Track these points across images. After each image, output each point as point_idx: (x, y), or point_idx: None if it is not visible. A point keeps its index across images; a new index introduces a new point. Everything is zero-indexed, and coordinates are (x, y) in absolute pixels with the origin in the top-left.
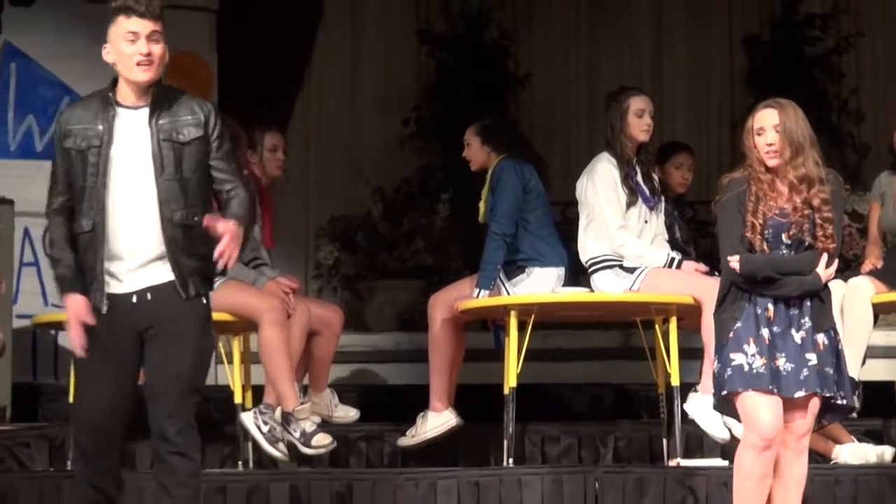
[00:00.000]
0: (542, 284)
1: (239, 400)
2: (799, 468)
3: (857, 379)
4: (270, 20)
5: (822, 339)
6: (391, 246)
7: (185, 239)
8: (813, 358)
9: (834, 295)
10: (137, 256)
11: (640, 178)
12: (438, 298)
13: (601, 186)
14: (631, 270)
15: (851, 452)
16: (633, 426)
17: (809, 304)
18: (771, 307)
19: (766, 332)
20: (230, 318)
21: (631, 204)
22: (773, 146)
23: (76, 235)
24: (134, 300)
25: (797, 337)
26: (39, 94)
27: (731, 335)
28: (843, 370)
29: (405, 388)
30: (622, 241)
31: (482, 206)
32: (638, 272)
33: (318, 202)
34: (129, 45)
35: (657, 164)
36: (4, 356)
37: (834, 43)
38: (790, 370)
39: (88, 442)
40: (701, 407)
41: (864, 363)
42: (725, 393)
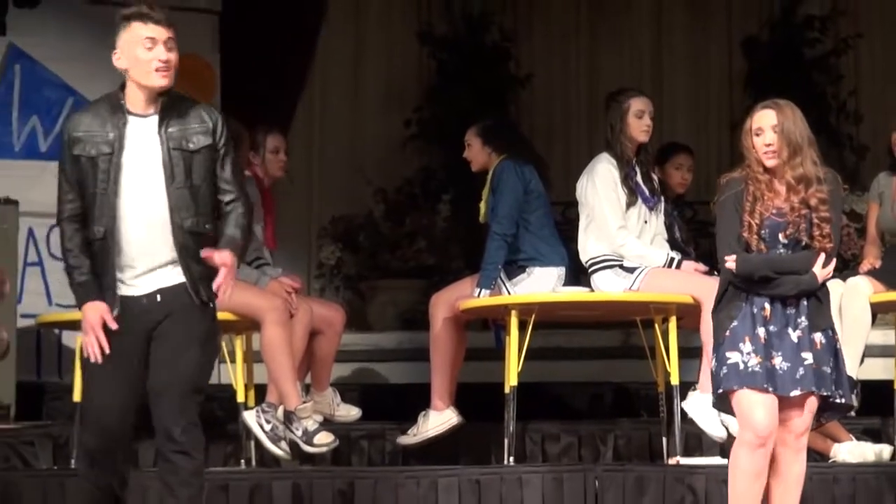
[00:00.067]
0: (542, 284)
1: (242, 399)
2: (798, 467)
3: (855, 378)
4: (272, 22)
5: (819, 338)
6: (393, 246)
7: (195, 246)
8: (809, 357)
9: (832, 294)
10: (148, 262)
11: (639, 178)
12: (440, 298)
13: (601, 187)
14: (631, 270)
15: (850, 451)
16: (632, 425)
17: (806, 303)
18: (767, 306)
19: (762, 331)
20: (233, 317)
21: (631, 204)
22: (771, 146)
23: (90, 241)
24: (144, 302)
25: (794, 336)
26: (44, 95)
27: (727, 334)
28: (841, 369)
29: (407, 386)
30: (622, 241)
31: (483, 206)
32: (638, 272)
33: (320, 202)
34: (146, 51)
35: (657, 164)
36: (9, 355)
37: (832, 45)
38: (786, 369)
39: (97, 443)
40: (699, 406)
41: (862, 362)
42: (721, 391)
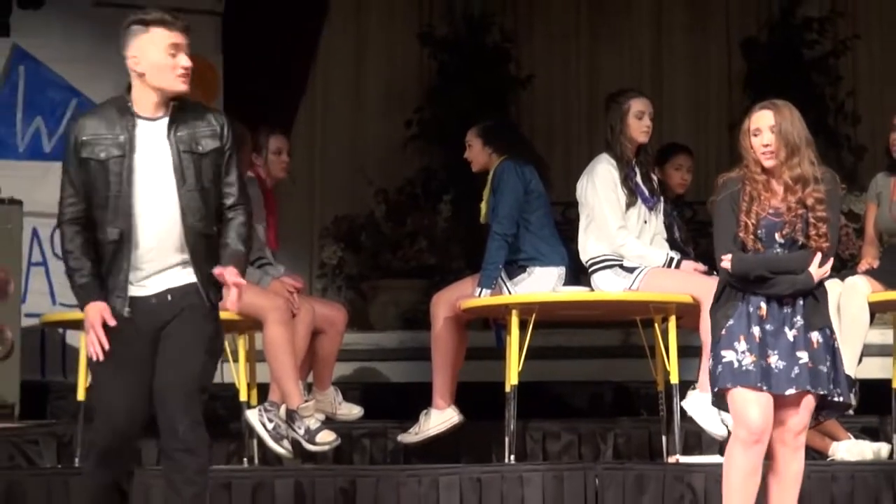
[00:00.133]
0: (542, 284)
1: (244, 398)
2: (796, 465)
3: (853, 377)
4: (275, 24)
5: (815, 337)
6: (394, 246)
7: (205, 247)
8: (804, 356)
9: (831, 294)
10: (158, 263)
11: (639, 178)
12: (441, 297)
13: (601, 187)
14: (630, 270)
15: (848, 449)
16: (632, 423)
17: (802, 302)
18: (763, 305)
19: (757, 330)
20: (236, 316)
21: (630, 204)
22: (769, 147)
23: (101, 244)
24: (154, 301)
25: (790, 335)
26: (48, 96)
27: (723, 332)
28: (839, 368)
29: (408, 385)
30: (622, 241)
31: (483, 206)
32: (637, 272)
33: (322, 203)
34: (169, 57)
35: (657, 164)
36: (13, 354)
37: (831, 46)
38: (782, 368)
39: (107, 442)
40: (699, 404)
41: (860, 361)
42: (717, 389)
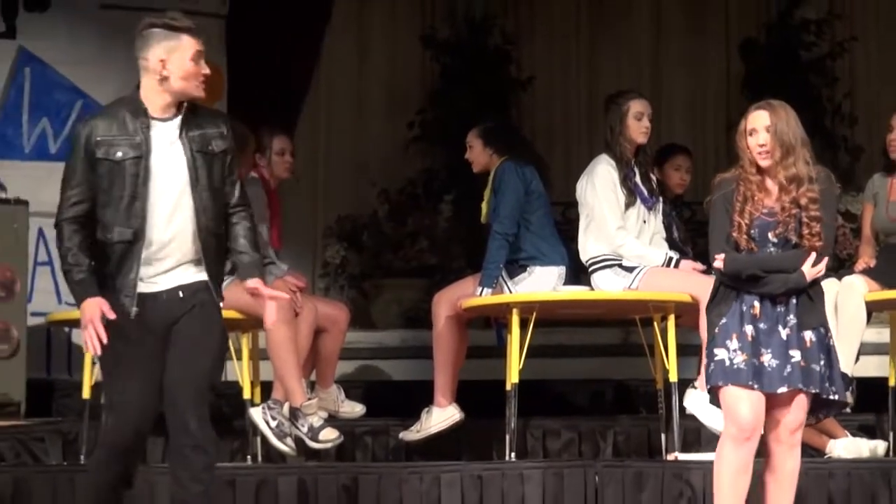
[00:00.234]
0: (543, 283)
1: (248, 395)
2: (792, 463)
3: (850, 375)
4: (278, 25)
5: (809, 336)
6: (396, 245)
7: (216, 246)
8: (797, 355)
9: (828, 293)
10: (170, 261)
11: (638, 179)
12: (442, 297)
13: (600, 187)
14: (630, 269)
15: (845, 447)
16: (632, 421)
17: (796, 301)
18: (757, 304)
19: (749, 328)
20: (239, 315)
21: (630, 204)
22: (764, 147)
23: (106, 244)
24: (164, 298)
25: (783, 334)
26: (54, 97)
27: (716, 331)
28: (834, 367)
29: (410, 384)
30: (621, 241)
31: (484, 206)
32: (637, 271)
33: (325, 203)
34: (195, 64)
35: (656, 165)
36: (19, 353)
37: (828, 48)
38: (775, 366)
39: (122, 440)
40: (699, 402)
41: (857, 360)
42: (709, 387)
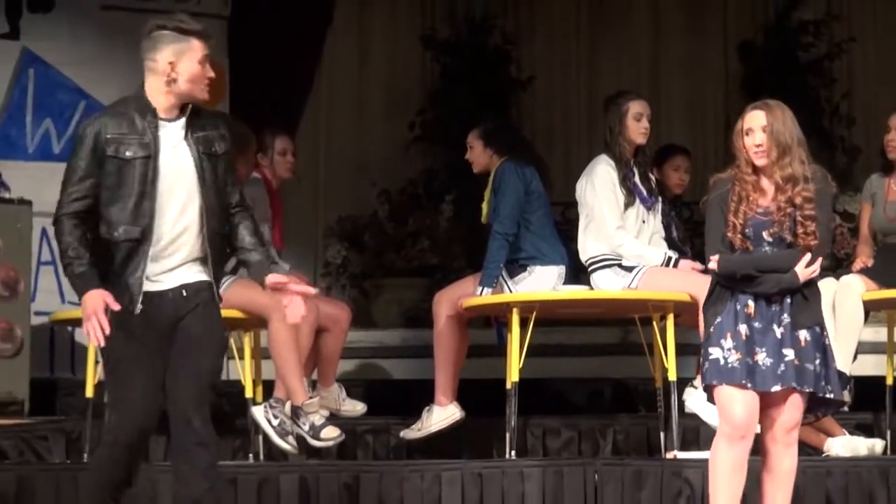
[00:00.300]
0: (543, 282)
1: (250, 394)
2: (788, 461)
3: (848, 374)
4: (280, 27)
5: (804, 335)
6: (397, 245)
7: (220, 246)
8: (790, 354)
9: (826, 292)
10: (175, 260)
11: (637, 179)
12: (443, 296)
13: (600, 188)
14: (629, 269)
15: (843, 445)
16: (631, 420)
17: (790, 300)
18: (751, 303)
19: (743, 327)
20: (241, 315)
21: (629, 204)
22: (761, 147)
23: (110, 241)
24: (169, 296)
25: (777, 332)
26: (57, 98)
27: (711, 330)
28: (830, 366)
29: (411, 382)
30: (620, 241)
31: (485, 206)
32: (636, 271)
33: (326, 203)
34: (202, 68)
35: (655, 165)
36: (23, 352)
37: (826, 49)
38: (769, 365)
39: (130, 439)
40: (700, 400)
41: (855, 359)
42: (703, 386)
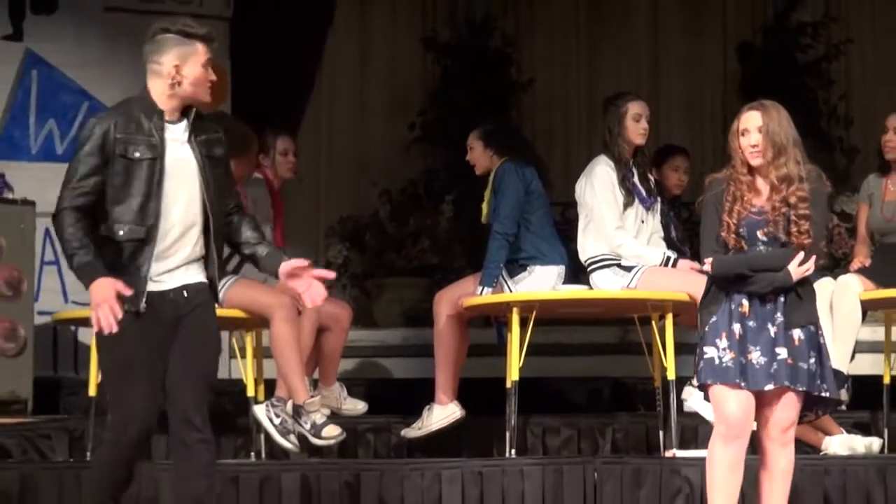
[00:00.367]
0: (543, 282)
1: (251, 393)
2: (784, 460)
3: (846, 373)
4: (281, 28)
5: (798, 334)
6: (398, 245)
7: (220, 248)
8: (783, 352)
9: (823, 292)
10: (176, 260)
11: (636, 179)
12: (443, 296)
13: (599, 188)
14: (628, 269)
15: (840, 443)
16: (630, 418)
17: (784, 299)
18: (745, 302)
19: (737, 326)
20: (243, 314)
21: (628, 205)
22: (756, 147)
23: (113, 240)
24: (171, 296)
25: (771, 331)
26: (60, 99)
27: (706, 329)
28: (825, 364)
29: (411, 381)
30: (619, 241)
31: (485, 207)
32: (635, 270)
33: (327, 203)
34: (206, 71)
35: (654, 166)
36: (26, 351)
37: (824, 50)
38: (762, 364)
39: (130, 440)
40: (699, 397)
41: (852, 358)
42: (698, 385)
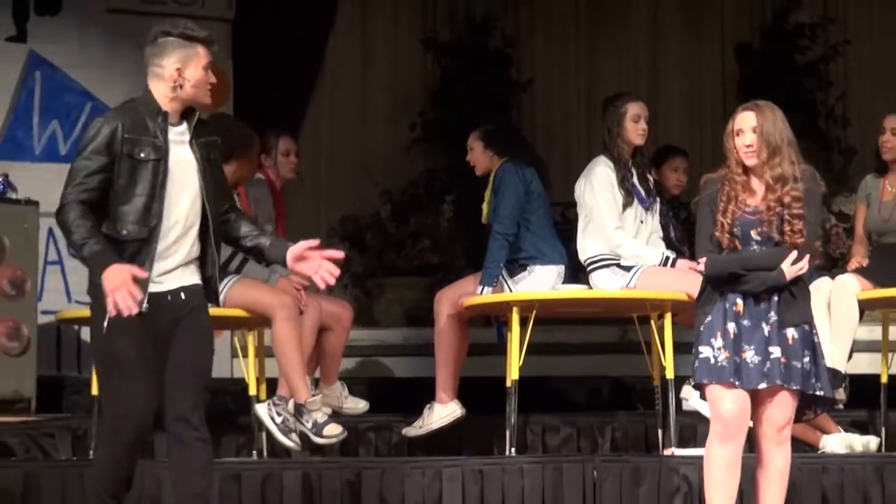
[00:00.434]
0: (542, 282)
1: (253, 392)
2: (780, 459)
3: (843, 372)
4: (283, 29)
5: (791, 333)
6: (398, 245)
7: (218, 248)
8: (776, 351)
9: (821, 292)
10: (175, 261)
11: (636, 179)
12: (444, 295)
13: (598, 188)
14: (628, 268)
15: (838, 442)
16: (629, 417)
17: (777, 299)
18: (739, 302)
19: (732, 326)
20: (245, 313)
21: (627, 205)
22: (751, 147)
23: (115, 239)
24: (169, 298)
25: (765, 330)
26: (63, 100)
27: (702, 329)
28: (819, 363)
29: (412, 380)
30: (619, 241)
31: (485, 207)
32: (634, 270)
33: (329, 203)
34: (207, 74)
35: (654, 166)
36: (29, 350)
37: (822, 51)
38: (756, 363)
39: (132, 438)
40: (698, 396)
41: (850, 357)
42: (694, 384)
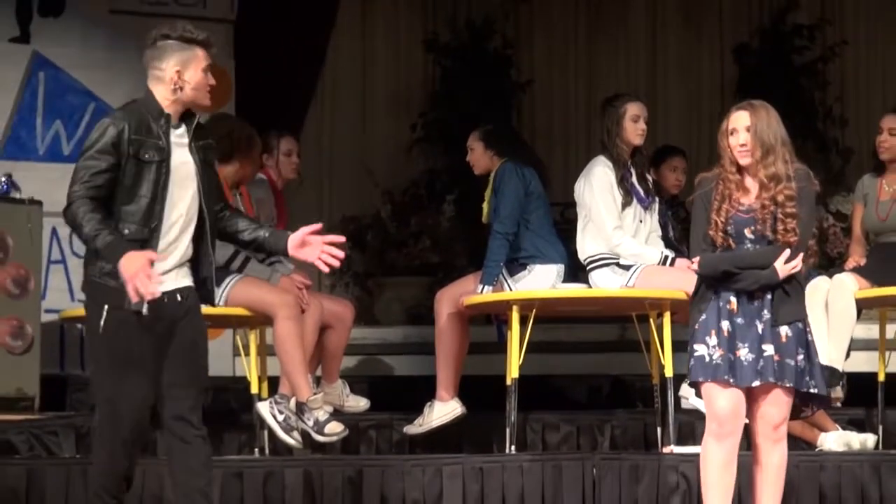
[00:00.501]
0: (542, 281)
1: (255, 390)
2: (777, 456)
3: (841, 370)
4: (285, 30)
5: (785, 331)
6: (399, 245)
7: (215, 248)
8: (770, 349)
9: (819, 291)
10: (171, 261)
11: (635, 179)
12: (444, 294)
13: (598, 188)
14: (627, 268)
15: (836, 440)
16: (628, 415)
17: (771, 297)
18: (733, 300)
19: (726, 324)
20: (247, 312)
21: (626, 204)
22: (745, 147)
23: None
24: (166, 300)
25: (759, 328)
26: (67, 101)
27: (696, 327)
28: (814, 361)
29: (413, 378)
30: (618, 241)
31: (485, 206)
32: (633, 269)
33: (330, 203)
34: (206, 76)
35: (653, 166)
36: (33, 349)
37: (820, 52)
38: (749, 361)
39: (130, 436)
40: (696, 395)
41: (848, 355)
42: (690, 382)
